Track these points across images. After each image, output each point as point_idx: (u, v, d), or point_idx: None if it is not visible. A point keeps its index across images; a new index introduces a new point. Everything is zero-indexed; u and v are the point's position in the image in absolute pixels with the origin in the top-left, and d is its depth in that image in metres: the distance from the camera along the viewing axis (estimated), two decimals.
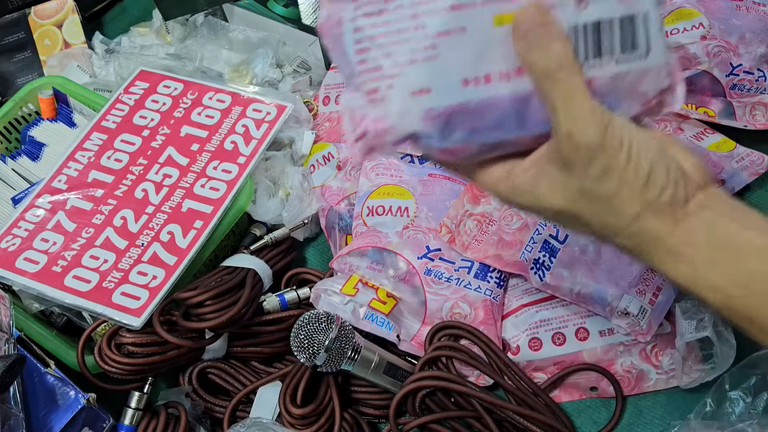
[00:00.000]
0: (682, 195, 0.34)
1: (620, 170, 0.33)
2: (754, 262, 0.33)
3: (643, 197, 0.33)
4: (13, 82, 0.87)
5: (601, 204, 0.34)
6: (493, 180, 0.38)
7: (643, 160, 0.33)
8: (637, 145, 0.33)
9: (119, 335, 0.59)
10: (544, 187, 0.35)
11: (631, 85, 0.34)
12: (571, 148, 0.33)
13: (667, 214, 0.34)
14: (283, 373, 0.61)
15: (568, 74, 0.33)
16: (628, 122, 0.34)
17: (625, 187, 0.33)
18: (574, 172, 0.34)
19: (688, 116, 0.72)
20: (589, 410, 0.62)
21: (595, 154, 0.33)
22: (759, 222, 0.34)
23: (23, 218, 0.65)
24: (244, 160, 0.68)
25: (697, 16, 0.72)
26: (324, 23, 0.35)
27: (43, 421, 0.55)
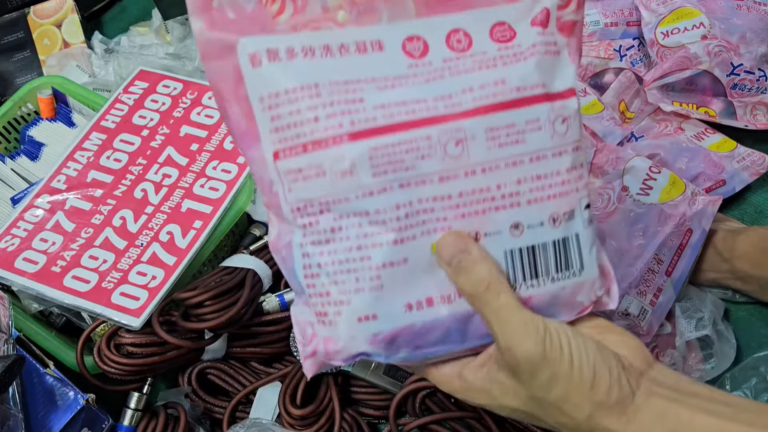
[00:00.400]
0: (628, 390, 0.34)
1: (565, 377, 0.33)
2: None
3: (592, 400, 0.33)
4: (12, 82, 0.86)
5: (552, 408, 0.34)
6: (444, 378, 0.38)
7: (585, 364, 0.33)
8: (577, 350, 0.34)
9: (118, 336, 0.59)
10: (496, 390, 0.36)
11: (568, 298, 0.36)
12: (513, 361, 0.34)
13: (618, 413, 0.34)
14: (282, 374, 0.61)
15: (496, 294, 0.34)
16: (564, 325, 0.35)
17: (573, 392, 0.33)
18: (521, 381, 0.34)
19: (689, 116, 0.72)
20: None
21: (537, 365, 0.33)
22: (705, 401, 0.34)
23: (22, 218, 0.65)
24: (243, 160, 0.68)
25: (698, 15, 0.72)
26: (274, 241, 0.37)
27: (42, 421, 0.55)
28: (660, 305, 0.60)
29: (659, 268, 0.60)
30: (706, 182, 0.68)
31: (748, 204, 0.70)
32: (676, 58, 0.70)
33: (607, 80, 0.76)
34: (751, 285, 0.61)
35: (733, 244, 0.61)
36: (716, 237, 0.63)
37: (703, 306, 0.61)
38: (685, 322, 0.60)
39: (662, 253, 0.60)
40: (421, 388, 0.58)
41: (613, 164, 0.65)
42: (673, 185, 0.63)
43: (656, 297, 0.60)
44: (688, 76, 0.70)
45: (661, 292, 0.60)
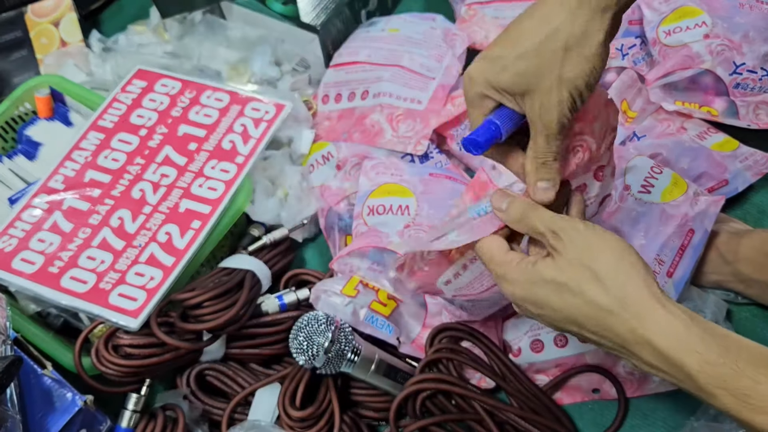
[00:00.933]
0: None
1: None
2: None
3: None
4: (10, 81, 0.86)
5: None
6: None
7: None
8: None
9: (116, 337, 0.58)
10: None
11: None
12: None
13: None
14: (282, 375, 0.61)
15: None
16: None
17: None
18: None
19: (691, 115, 0.71)
20: (591, 412, 0.62)
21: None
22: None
23: (20, 218, 0.65)
24: (242, 160, 0.68)
25: (700, 14, 0.72)
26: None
27: (40, 423, 0.55)
28: None
29: (661, 268, 0.60)
30: (709, 182, 0.67)
31: (750, 204, 0.70)
32: (679, 57, 0.70)
33: (608, 79, 0.75)
34: (754, 288, 0.61)
35: (736, 247, 0.61)
36: (719, 239, 0.62)
37: (705, 307, 0.60)
38: None
39: (664, 254, 0.60)
40: (422, 390, 0.58)
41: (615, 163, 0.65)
42: (675, 185, 0.62)
43: None
44: (690, 75, 0.70)
45: None
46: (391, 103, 0.73)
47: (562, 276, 0.40)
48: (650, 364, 0.38)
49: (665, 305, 0.38)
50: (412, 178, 0.68)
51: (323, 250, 0.73)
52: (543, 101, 0.41)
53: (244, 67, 0.79)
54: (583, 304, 0.39)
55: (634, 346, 0.38)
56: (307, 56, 0.81)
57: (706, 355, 0.36)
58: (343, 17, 0.81)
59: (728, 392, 0.35)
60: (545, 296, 0.41)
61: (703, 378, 0.36)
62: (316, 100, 0.80)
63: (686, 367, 0.36)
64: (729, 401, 0.35)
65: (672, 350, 0.37)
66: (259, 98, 0.72)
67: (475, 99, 0.43)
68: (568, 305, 0.40)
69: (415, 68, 0.75)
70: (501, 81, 0.41)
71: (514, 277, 0.42)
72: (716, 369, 0.35)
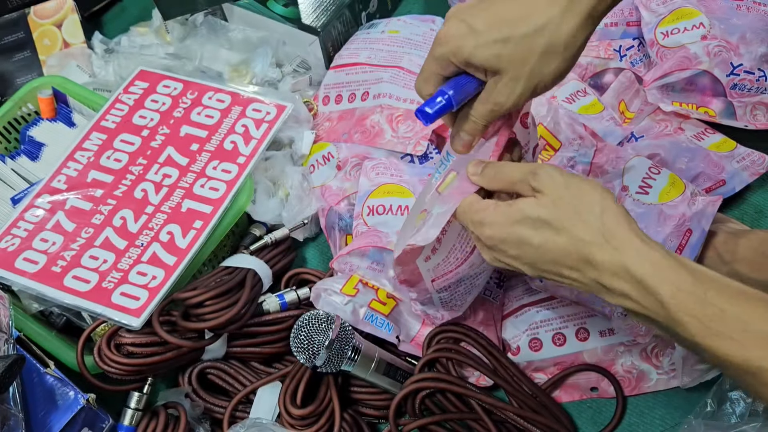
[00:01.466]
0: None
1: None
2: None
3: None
4: (13, 82, 0.86)
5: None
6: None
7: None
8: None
9: (119, 335, 0.59)
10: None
11: None
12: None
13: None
14: (282, 374, 0.61)
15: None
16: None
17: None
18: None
19: (689, 116, 0.72)
20: (589, 411, 0.62)
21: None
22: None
23: (23, 218, 0.65)
24: (243, 160, 0.68)
25: (698, 15, 0.72)
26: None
27: (42, 421, 0.55)
28: None
29: None
30: (706, 182, 0.68)
31: (748, 204, 0.70)
32: (676, 58, 0.70)
33: (607, 80, 0.76)
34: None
35: (734, 247, 0.61)
36: (717, 239, 0.63)
37: None
38: None
39: None
40: (421, 388, 0.58)
41: (613, 164, 0.65)
42: (672, 185, 0.63)
43: None
44: (687, 76, 0.70)
45: None
46: (391, 104, 0.74)
47: (546, 213, 0.41)
48: (625, 295, 0.39)
49: (643, 239, 0.40)
50: (412, 179, 0.68)
51: (324, 249, 0.74)
52: (508, 85, 0.42)
53: (245, 69, 0.80)
54: (565, 240, 0.40)
55: (612, 278, 0.39)
56: (307, 58, 0.82)
57: (678, 283, 0.38)
58: (344, 19, 0.82)
59: (695, 319, 0.37)
60: (526, 235, 0.42)
61: (674, 305, 0.37)
62: (316, 101, 0.80)
63: (660, 294, 0.38)
64: (695, 328, 0.37)
65: (648, 277, 0.38)
66: (261, 99, 0.73)
67: (440, 59, 0.44)
68: (550, 242, 0.41)
69: (415, 69, 0.75)
70: (474, 56, 0.42)
71: (492, 220, 0.43)
72: (687, 297, 0.37)
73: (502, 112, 0.44)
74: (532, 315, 0.63)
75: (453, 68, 0.44)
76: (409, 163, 0.71)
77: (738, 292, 0.38)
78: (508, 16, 0.42)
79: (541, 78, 0.42)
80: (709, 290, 0.38)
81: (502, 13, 0.42)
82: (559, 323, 0.62)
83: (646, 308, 0.39)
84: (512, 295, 0.65)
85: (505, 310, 0.64)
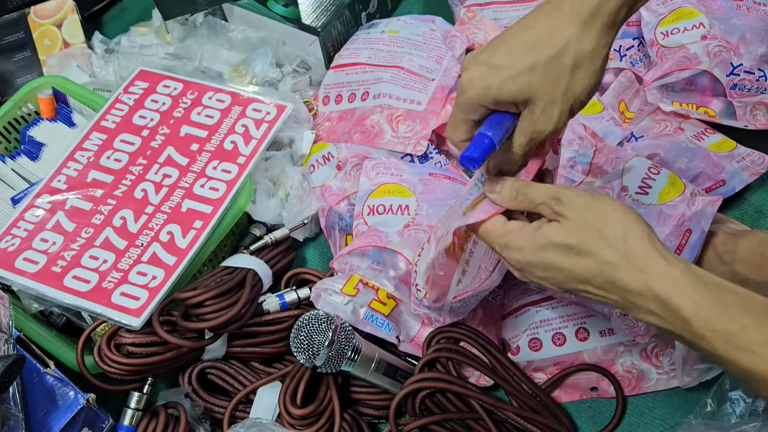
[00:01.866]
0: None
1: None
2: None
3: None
4: (13, 82, 0.86)
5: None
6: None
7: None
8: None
9: (119, 335, 0.59)
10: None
11: None
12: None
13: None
14: (282, 374, 0.61)
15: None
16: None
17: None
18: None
19: (689, 116, 0.72)
20: (589, 410, 0.62)
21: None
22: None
23: (23, 218, 0.65)
24: (243, 160, 0.68)
25: (698, 15, 0.72)
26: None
27: (42, 421, 0.55)
28: None
29: None
30: (706, 182, 0.68)
31: (747, 204, 0.70)
32: (676, 58, 0.70)
33: (606, 80, 0.76)
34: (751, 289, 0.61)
35: (734, 247, 0.61)
36: (717, 239, 0.63)
37: None
38: None
39: None
40: (421, 388, 0.58)
41: (613, 164, 0.65)
42: (672, 185, 0.63)
43: None
44: (687, 76, 0.70)
45: None
46: (391, 104, 0.74)
47: (571, 238, 0.42)
48: (651, 312, 0.41)
49: (665, 257, 0.41)
50: (412, 178, 0.68)
51: (324, 249, 0.74)
52: (545, 110, 0.42)
53: (245, 69, 0.80)
54: (591, 263, 0.42)
55: (638, 297, 0.41)
56: (307, 58, 0.82)
57: (699, 300, 0.39)
58: (344, 19, 0.82)
59: (717, 334, 0.38)
60: (554, 259, 0.43)
61: (695, 321, 0.39)
62: (316, 101, 0.80)
63: (682, 311, 0.39)
64: (717, 342, 0.38)
65: (671, 295, 0.39)
66: (261, 99, 0.73)
67: (467, 104, 0.44)
68: (577, 265, 0.42)
69: (415, 69, 0.75)
70: (503, 91, 0.42)
71: (519, 245, 0.44)
72: (708, 312, 0.39)
73: (542, 138, 0.44)
74: (532, 315, 0.63)
75: (482, 110, 0.44)
76: (410, 162, 0.71)
77: (759, 306, 0.40)
78: (529, 44, 0.42)
79: (575, 96, 0.42)
80: (728, 306, 0.39)
81: (522, 42, 0.42)
82: (558, 323, 0.62)
83: (672, 324, 0.40)
84: (512, 295, 0.65)
85: (504, 310, 0.64)
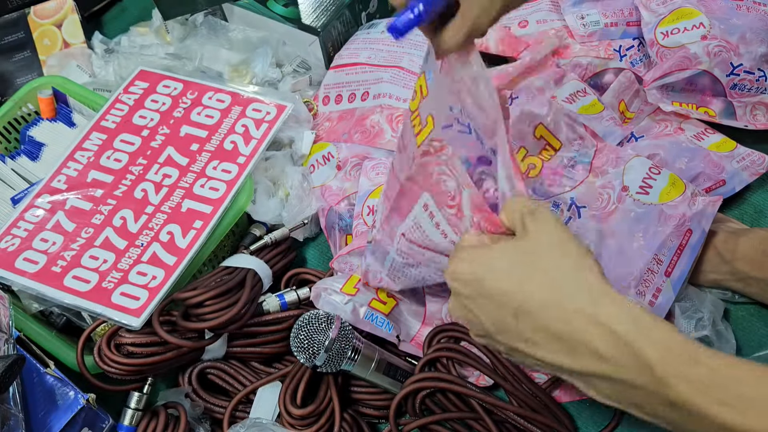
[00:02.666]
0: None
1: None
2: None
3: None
4: (13, 82, 0.86)
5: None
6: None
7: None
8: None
9: (119, 335, 0.59)
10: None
11: None
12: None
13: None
14: (282, 374, 0.61)
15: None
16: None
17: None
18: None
19: (689, 116, 0.72)
20: (589, 410, 0.62)
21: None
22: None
23: (23, 218, 0.65)
24: (243, 160, 0.68)
25: (698, 15, 0.72)
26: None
27: (42, 421, 0.55)
28: (659, 305, 0.60)
29: (659, 268, 0.60)
30: (706, 182, 0.68)
31: (747, 204, 0.70)
32: (676, 58, 0.70)
33: (606, 80, 0.76)
34: (752, 287, 0.61)
35: (734, 246, 0.61)
36: (717, 238, 0.63)
37: (703, 306, 0.61)
38: (684, 323, 0.60)
39: (662, 254, 0.60)
40: (422, 388, 0.58)
41: (613, 164, 0.65)
42: (672, 186, 0.63)
43: (655, 297, 0.60)
44: (687, 76, 0.70)
45: (661, 293, 0.60)
46: (391, 104, 0.74)
47: (535, 251, 0.39)
48: (602, 356, 0.35)
49: (623, 299, 0.36)
50: None
51: (324, 249, 0.74)
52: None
53: (245, 69, 0.80)
54: (544, 283, 0.37)
55: (586, 334, 0.35)
56: (307, 58, 0.82)
57: (667, 342, 0.34)
58: (344, 19, 0.82)
59: (685, 380, 0.33)
60: (507, 270, 0.39)
61: (661, 366, 0.33)
62: (316, 101, 0.80)
63: (645, 354, 0.34)
64: (685, 390, 0.33)
65: (631, 335, 0.34)
66: (261, 99, 0.73)
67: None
68: (528, 281, 0.38)
69: (415, 69, 0.75)
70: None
71: (474, 252, 0.42)
72: (676, 357, 0.33)
73: (480, 26, 0.44)
74: None
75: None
76: None
77: (726, 359, 0.34)
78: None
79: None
80: (699, 348, 0.34)
81: None
82: None
83: (626, 369, 0.34)
84: None
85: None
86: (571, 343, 0.36)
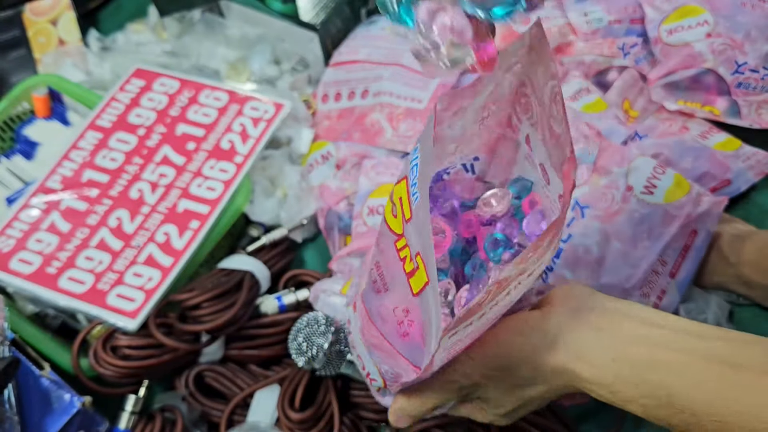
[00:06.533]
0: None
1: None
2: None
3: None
4: (8, 81, 0.86)
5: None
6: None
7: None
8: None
9: (115, 338, 0.58)
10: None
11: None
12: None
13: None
14: (281, 377, 0.60)
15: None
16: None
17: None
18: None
19: (694, 114, 0.71)
20: (593, 413, 0.61)
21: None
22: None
23: (17, 218, 0.65)
24: (241, 159, 0.67)
25: (702, 12, 0.71)
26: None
27: (38, 424, 0.54)
28: (664, 307, 0.59)
29: (663, 269, 0.60)
30: (711, 182, 0.67)
31: (753, 204, 0.70)
32: (680, 56, 0.70)
33: (610, 78, 0.75)
34: (757, 291, 0.61)
35: (739, 249, 0.60)
36: (722, 240, 0.62)
37: (708, 308, 0.60)
38: None
39: (666, 255, 0.60)
40: None
41: (618, 164, 0.64)
42: (677, 186, 0.62)
43: (660, 299, 0.59)
44: (692, 74, 0.69)
45: (665, 294, 0.59)
46: (391, 102, 0.73)
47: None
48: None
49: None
50: None
51: (322, 250, 0.73)
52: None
53: (243, 66, 0.79)
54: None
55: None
56: (306, 55, 0.81)
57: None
58: (343, 16, 0.81)
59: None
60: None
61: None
62: (315, 99, 0.79)
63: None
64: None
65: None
66: (258, 97, 0.72)
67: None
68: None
69: (415, 67, 0.74)
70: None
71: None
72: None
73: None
74: None
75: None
76: None
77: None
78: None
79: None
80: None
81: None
82: None
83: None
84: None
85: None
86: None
